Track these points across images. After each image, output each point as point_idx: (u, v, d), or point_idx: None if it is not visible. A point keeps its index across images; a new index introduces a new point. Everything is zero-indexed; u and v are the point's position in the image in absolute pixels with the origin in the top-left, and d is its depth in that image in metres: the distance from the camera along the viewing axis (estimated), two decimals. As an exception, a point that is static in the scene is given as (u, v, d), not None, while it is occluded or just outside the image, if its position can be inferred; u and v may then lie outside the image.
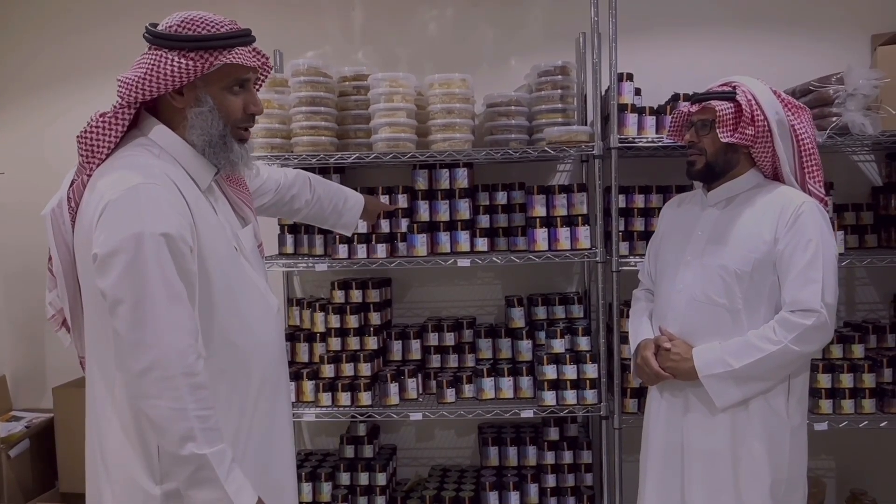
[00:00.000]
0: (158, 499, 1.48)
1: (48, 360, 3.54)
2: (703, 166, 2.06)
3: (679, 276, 2.09)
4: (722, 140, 2.00)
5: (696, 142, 2.07)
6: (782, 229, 1.94)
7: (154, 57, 1.49)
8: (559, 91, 2.83)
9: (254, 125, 1.65)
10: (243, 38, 1.54)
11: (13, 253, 3.54)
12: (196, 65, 1.48)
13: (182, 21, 1.50)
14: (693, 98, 2.10)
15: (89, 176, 1.51)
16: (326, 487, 2.94)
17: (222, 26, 1.52)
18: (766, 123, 1.97)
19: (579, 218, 2.79)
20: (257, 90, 1.65)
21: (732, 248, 1.99)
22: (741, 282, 1.97)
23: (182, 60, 1.48)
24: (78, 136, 1.52)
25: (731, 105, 1.99)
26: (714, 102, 2.01)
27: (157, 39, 1.50)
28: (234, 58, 1.52)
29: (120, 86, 1.50)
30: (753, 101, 1.97)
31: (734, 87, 2.01)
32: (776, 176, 2.07)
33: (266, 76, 1.68)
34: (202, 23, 1.50)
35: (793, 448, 1.99)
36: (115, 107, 1.51)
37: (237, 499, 1.40)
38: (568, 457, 2.94)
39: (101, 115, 1.52)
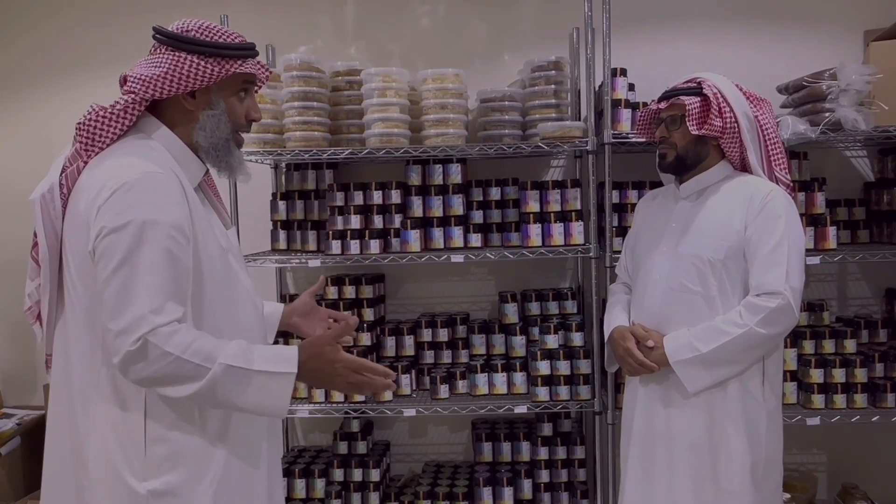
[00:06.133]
0: (145, 497, 1.47)
1: (39, 356, 3.52)
2: (674, 159, 2.13)
3: (655, 266, 2.15)
4: (692, 133, 2.07)
5: (667, 137, 2.14)
6: (751, 217, 2.01)
7: (173, 57, 1.53)
8: (553, 86, 2.82)
9: (249, 131, 1.72)
10: (254, 51, 1.62)
11: (3, 247, 3.52)
12: (216, 69, 1.54)
13: (200, 27, 1.55)
14: (661, 95, 2.17)
15: (86, 163, 1.53)
16: (320, 484, 2.94)
17: (236, 37, 1.59)
18: (733, 115, 2.05)
19: (573, 214, 2.79)
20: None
21: (705, 238, 2.06)
22: (714, 269, 2.03)
23: (204, 64, 1.53)
24: (78, 124, 1.53)
25: (699, 99, 2.08)
26: (682, 98, 2.09)
27: (177, 42, 1.53)
28: (248, 67, 1.59)
29: (134, 82, 1.52)
30: (720, 95, 2.06)
31: (699, 83, 2.09)
32: (744, 167, 2.14)
33: (265, 82, 1.74)
34: (218, 32, 1.56)
35: (769, 430, 2.05)
36: (125, 101, 1.53)
37: (279, 368, 1.43)
38: (561, 452, 2.95)
39: (104, 107, 1.53)
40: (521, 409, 2.77)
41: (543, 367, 2.77)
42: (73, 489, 1.52)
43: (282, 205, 3.01)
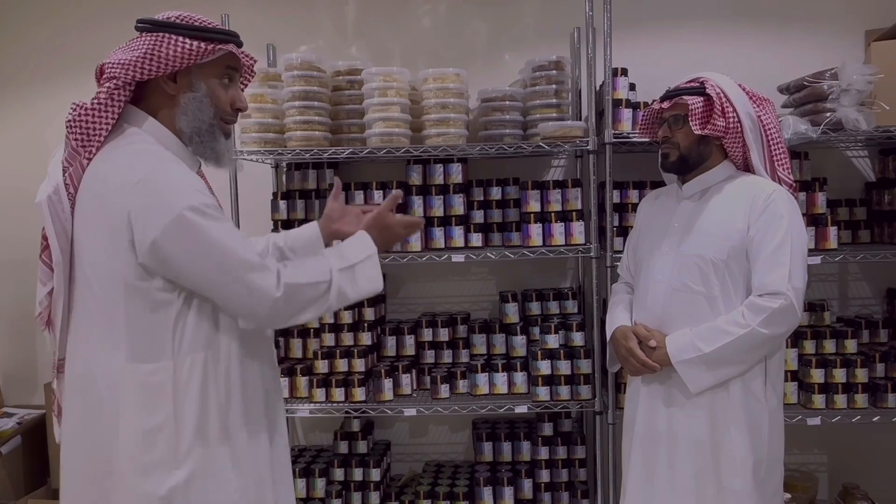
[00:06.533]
0: (182, 485, 1.49)
1: (39, 355, 3.52)
2: (677, 159, 2.12)
3: (657, 266, 2.14)
4: (695, 133, 2.06)
5: (670, 137, 2.13)
6: (754, 217, 2.00)
7: (154, 39, 1.53)
8: (553, 86, 2.82)
9: (236, 121, 1.71)
10: (237, 38, 1.63)
11: (3, 246, 3.52)
12: (195, 46, 1.54)
13: (180, 16, 1.57)
14: (664, 95, 2.16)
15: (89, 160, 1.53)
16: (320, 483, 2.94)
17: (218, 26, 1.61)
18: (736, 115, 2.05)
19: (574, 213, 2.79)
20: (241, 90, 1.73)
21: (708, 238, 2.05)
22: (717, 270, 2.02)
23: (183, 41, 1.54)
24: (68, 122, 1.54)
25: (702, 99, 2.07)
26: (685, 97, 2.08)
27: (158, 27, 1.55)
28: (230, 48, 1.60)
29: (113, 66, 1.52)
30: (723, 95, 2.05)
31: (702, 83, 2.09)
32: (747, 167, 2.14)
33: (251, 79, 1.76)
34: (199, 19, 1.59)
35: (771, 430, 2.04)
36: (109, 87, 1.53)
37: (367, 253, 1.66)
38: (562, 452, 2.95)
39: (87, 102, 1.54)
40: (521, 409, 2.77)
41: (544, 367, 2.76)
42: (98, 493, 1.52)
43: (283, 204, 3.01)
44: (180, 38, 1.53)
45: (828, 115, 2.53)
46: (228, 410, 1.56)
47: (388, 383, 2.80)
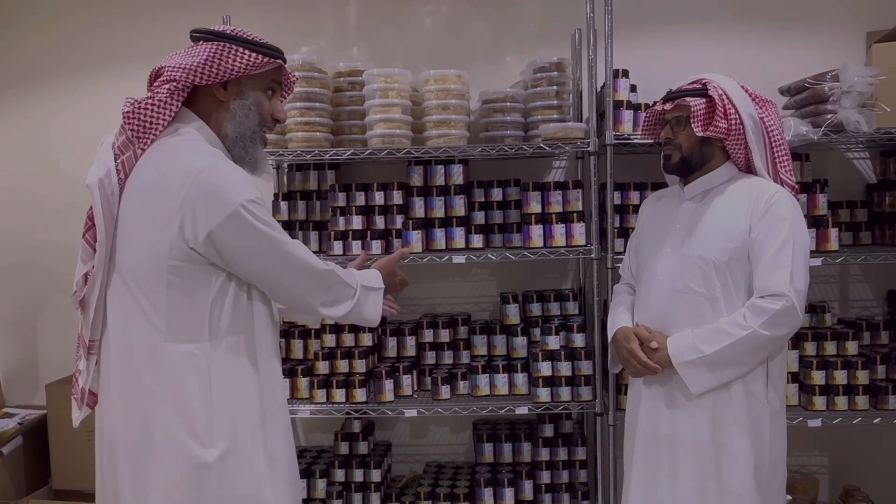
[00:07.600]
0: (212, 465, 1.56)
1: (41, 356, 3.53)
2: (679, 160, 2.12)
3: (659, 267, 2.14)
4: (697, 134, 2.06)
5: (672, 138, 2.13)
6: (756, 218, 2.00)
7: (216, 48, 1.63)
8: (555, 87, 2.83)
9: (273, 131, 1.83)
10: (283, 55, 1.75)
11: (5, 247, 3.52)
12: (252, 59, 1.66)
13: (233, 29, 1.68)
14: (666, 96, 2.16)
15: (143, 150, 1.62)
16: (321, 484, 2.94)
17: (267, 41, 1.73)
18: (738, 117, 2.04)
19: (574, 215, 2.79)
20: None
21: (709, 239, 2.05)
22: (719, 271, 2.02)
23: (243, 51, 1.65)
24: (126, 114, 1.62)
25: (704, 101, 2.06)
26: (688, 99, 2.08)
27: (217, 36, 1.65)
28: (280, 64, 1.73)
29: (174, 70, 1.62)
30: (725, 96, 2.05)
31: (705, 84, 2.08)
32: (749, 168, 2.14)
33: (288, 95, 1.86)
34: (252, 34, 1.70)
35: (773, 432, 2.04)
36: (168, 89, 1.62)
37: (380, 285, 1.89)
38: (562, 453, 2.95)
39: (144, 98, 1.62)
40: (522, 410, 2.77)
41: (545, 368, 2.77)
42: (136, 469, 1.58)
43: (284, 205, 3.02)
44: (241, 49, 1.64)
45: (829, 116, 2.53)
46: (260, 394, 1.64)
47: (388, 384, 2.80)
